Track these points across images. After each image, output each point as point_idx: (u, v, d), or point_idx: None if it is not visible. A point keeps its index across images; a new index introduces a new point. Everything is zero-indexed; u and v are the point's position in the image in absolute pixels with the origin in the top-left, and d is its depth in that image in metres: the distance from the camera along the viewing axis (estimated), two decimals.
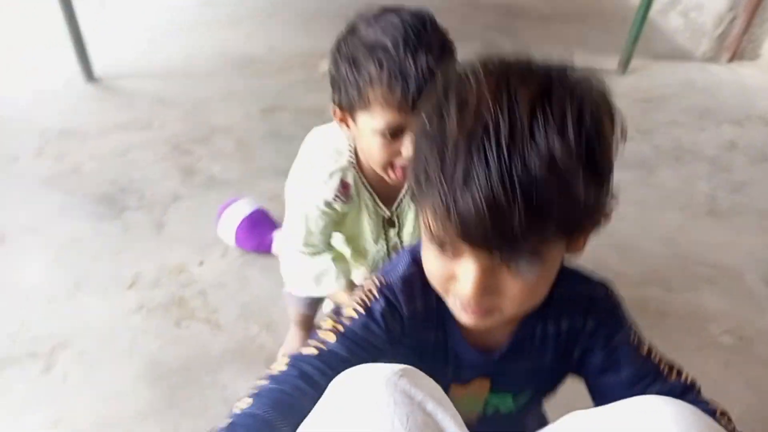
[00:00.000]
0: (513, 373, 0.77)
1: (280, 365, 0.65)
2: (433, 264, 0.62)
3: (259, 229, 1.62)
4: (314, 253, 1.13)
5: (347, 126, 1.00)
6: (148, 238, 1.67)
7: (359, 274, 1.25)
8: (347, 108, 0.96)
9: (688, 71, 2.90)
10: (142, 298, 1.49)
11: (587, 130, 0.52)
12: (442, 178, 0.53)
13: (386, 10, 0.93)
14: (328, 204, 1.05)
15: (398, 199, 1.14)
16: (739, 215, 1.98)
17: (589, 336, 0.74)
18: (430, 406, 0.55)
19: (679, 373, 0.75)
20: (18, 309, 1.45)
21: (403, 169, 0.97)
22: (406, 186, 1.10)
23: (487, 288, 0.58)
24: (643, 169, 2.15)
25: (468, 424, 0.57)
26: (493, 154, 0.50)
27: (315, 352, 0.65)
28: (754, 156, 2.30)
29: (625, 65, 2.76)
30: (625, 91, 2.65)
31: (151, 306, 1.47)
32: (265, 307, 1.49)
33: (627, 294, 1.76)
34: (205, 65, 2.62)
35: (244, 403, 0.60)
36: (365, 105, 0.92)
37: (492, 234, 0.52)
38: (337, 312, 0.71)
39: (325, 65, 1.02)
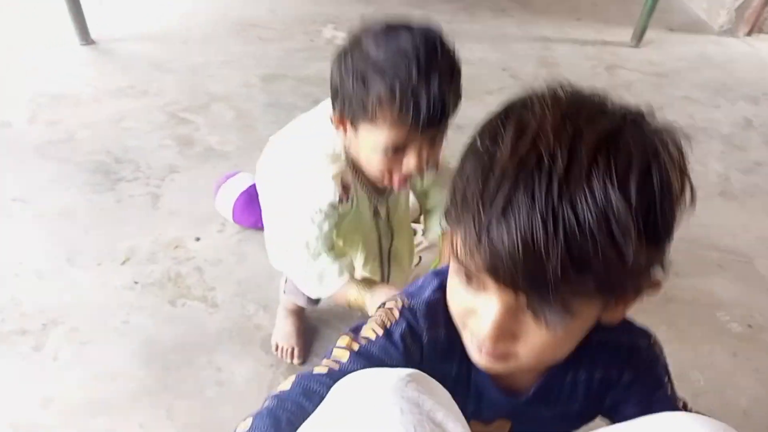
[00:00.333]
0: (537, 418, 0.74)
1: (285, 384, 0.61)
2: (455, 294, 0.59)
3: (258, 203, 1.56)
4: (316, 255, 1.10)
5: (345, 131, 0.99)
6: (143, 211, 1.62)
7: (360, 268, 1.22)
8: (349, 119, 0.96)
9: (704, 44, 2.81)
10: (137, 274, 1.45)
11: (651, 188, 0.47)
12: (480, 202, 0.48)
13: (394, 28, 0.91)
14: (333, 206, 1.03)
15: (388, 191, 1.15)
16: (752, 197, 1.93)
17: (625, 388, 0.70)
18: (440, 415, 0.51)
19: None
20: (8, 284, 1.41)
21: (401, 179, 0.98)
22: None
23: (505, 331, 0.54)
24: None
25: None
26: (541, 189, 0.45)
27: (325, 371, 0.62)
28: None
29: (639, 37, 2.67)
30: (638, 65, 2.57)
31: (146, 282, 1.43)
32: (262, 286, 1.45)
33: None
34: (204, 29, 2.53)
35: (244, 425, 0.57)
36: (371, 121, 0.92)
37: (522, 275, 0.47)
38: (355, 330, 0.67)
39: (328, 32, 0.99)
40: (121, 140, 1.85)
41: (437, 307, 0.66)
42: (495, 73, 2.44)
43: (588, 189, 0.45)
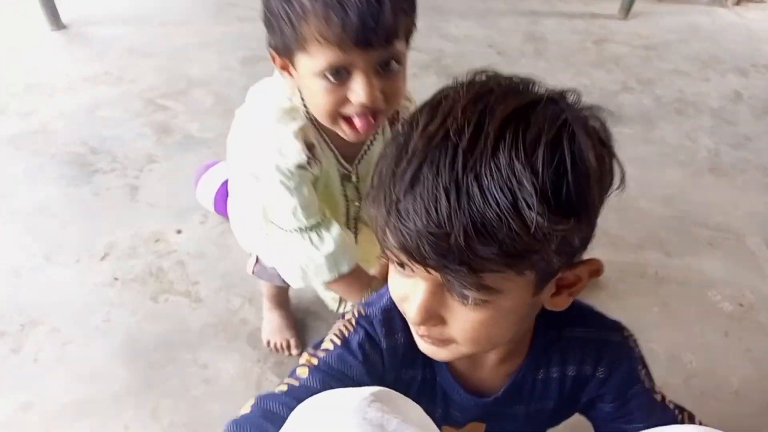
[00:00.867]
0: (510, 417, 0.72)
1: (245, 408, 0.60)
2: (393, 282, 0.58)
3: None
4: (311, 227, 0.96)
5: (289, 74, 0.88)
6: (121, 204, 1.57)
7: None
8: (284, 51, 0.84)
9: (693, 15, 2.76)
10: (117, 270, 1.41)
11: (562, 160, 0.47)
12: (391, 180, 0.49)
13: None
14: (303, 167, 0.91)
15: (359, 155, 1.02)
16: (743, 172, 1.91)
17: (600, 384, 0.69)
18: None
19: (692, 417, 0.71)
20: None
21: (362, 120, 0.86)
22: (369, 138, 1.00)
23: (433, 313, 0.54)
24: (644, 124, 2.06)
25: None
26: (446, 162, 0.46)
27: (285, 389, 0.61)
28: (760, 108, 2.20)
29: (627, 9, 2.62)
30: (627, 38, 2.52)
31: (127, 278, 1.39)
32: (247, 278, 1.40)
33: (625, 258, 1.69)
34: (181, 10, 2.45)
35: None
36: (301, 44, 0.80)
37: (429, 248, 0.47)
38: (316, 346, 0.66)
39: None
40: (97, 130, 1.79)
41: (393, 314, 0.65)
42: (481, 49, 2.39)
43: (494, 160, 0.46)
